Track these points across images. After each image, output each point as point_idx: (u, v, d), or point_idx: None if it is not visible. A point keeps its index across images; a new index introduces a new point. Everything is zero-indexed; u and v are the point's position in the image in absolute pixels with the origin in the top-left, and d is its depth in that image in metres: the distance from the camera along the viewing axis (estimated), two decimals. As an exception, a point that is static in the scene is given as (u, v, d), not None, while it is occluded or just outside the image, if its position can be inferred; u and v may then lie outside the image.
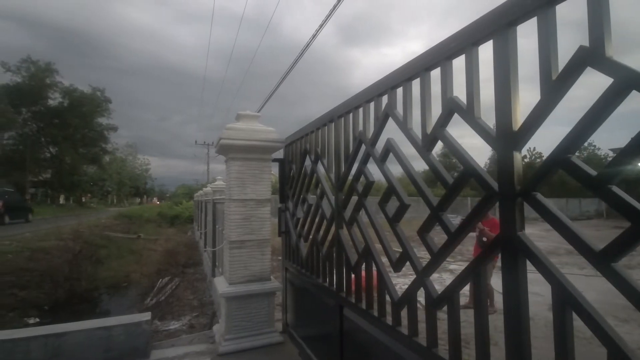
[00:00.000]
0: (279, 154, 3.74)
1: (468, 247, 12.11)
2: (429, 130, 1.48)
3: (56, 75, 30.54)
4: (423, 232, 1.54)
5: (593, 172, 0.93)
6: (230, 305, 3.22)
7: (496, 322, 1.92)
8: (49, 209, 27.41)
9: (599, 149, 41.45)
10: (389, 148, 1.77)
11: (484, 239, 5.14)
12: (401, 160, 1.67)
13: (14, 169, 29.09)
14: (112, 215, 25.91)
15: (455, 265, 9.29)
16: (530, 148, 36.88)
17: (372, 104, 1.96)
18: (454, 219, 19.75)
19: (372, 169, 2.02)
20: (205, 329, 4.39)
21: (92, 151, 35.68)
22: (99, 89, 33.03)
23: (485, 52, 1.30)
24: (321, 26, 12.44)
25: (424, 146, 1.51)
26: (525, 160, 38.84)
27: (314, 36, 13.30)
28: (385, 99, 1.83)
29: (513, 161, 1.11)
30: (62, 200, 37.75)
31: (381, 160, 1.84)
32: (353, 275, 2.13)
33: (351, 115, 2.18)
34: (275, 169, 3.73)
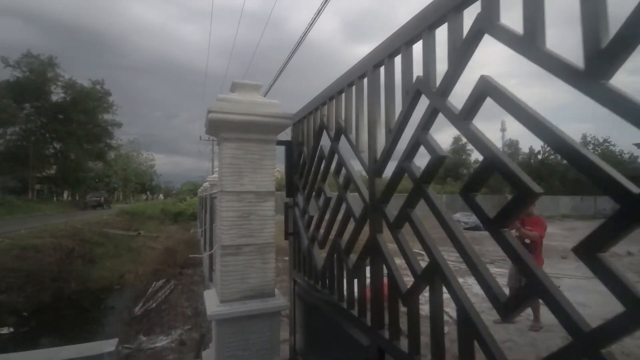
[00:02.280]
0: (286, 136, 2.97)
1: (488, 247, 11.29)
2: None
3: (57, 69, 30.09)
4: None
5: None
6: (223, 330, 2.47)
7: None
8: (51, 205, 27.03)
9: (614, 145, 39.96)
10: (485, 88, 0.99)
11: (527, 240, 4.32)
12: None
13: (18, 165, 28.78)
14: (115, 211, 25.43)
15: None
16: (543, 145, 35.58)
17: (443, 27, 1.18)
18: (469, 217, 18.91)
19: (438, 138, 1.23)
20: (195, 350, 3.65)
21: (96, 147, 35.27)
22: (98, 81, 32.45)
23: None
24: (319, 12, 11.83)
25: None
26: (539, 157, 37.67)
27: (312, 23, 12.61)
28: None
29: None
30: (65, 196, 37.51)
31: (464, 118, 1.06)
32: (405, 308, 1.34)
33: (400, 56, 1.39)
34: (279, 162, 2.95)
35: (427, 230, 1.27)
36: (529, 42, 0.88)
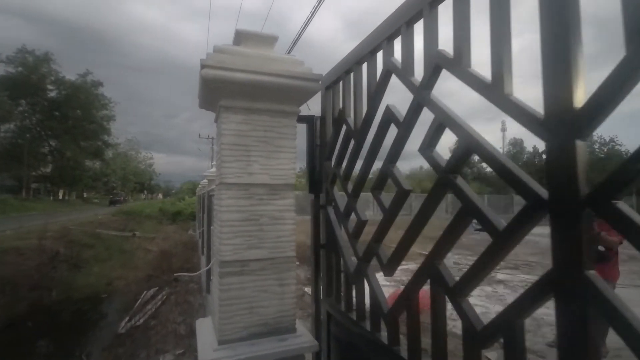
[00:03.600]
0: (307, 110, 2.19)
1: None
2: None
3: (53, 65, 29.29)
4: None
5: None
6: (222, 387, 1.68)
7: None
8: (44, 204, 26.22)
9: (620, 144, 39.12)
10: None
11: (600, 247, 3.54)
12: None
13: (13, 163, 28.04)
14: (111, 211, 24.62)
15: (503, 275, 7.66)
16: (598, 134, 34.62)
17: None
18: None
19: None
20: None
21: (93, 145, 34.50)
22: (86, 73, 31.42)
23: None
24: (313, 11, 11.68)
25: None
26: (543, 156, 36.72)
27: (308, 20, 12.37)
28: None
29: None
30: (61, 195, 36.71)
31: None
32: None
33: None
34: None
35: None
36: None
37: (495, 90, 0.91)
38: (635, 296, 5.25)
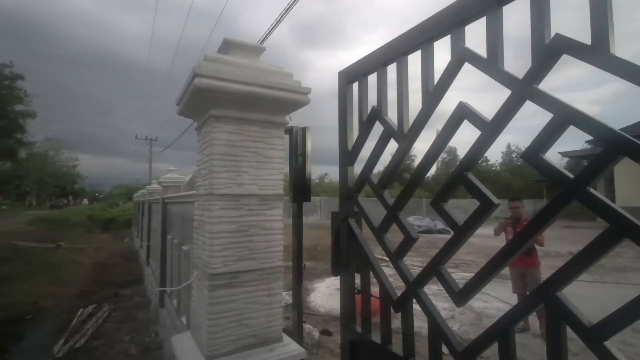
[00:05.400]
0: (291, 119, 2.22)
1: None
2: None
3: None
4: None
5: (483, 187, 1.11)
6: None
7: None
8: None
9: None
10: None
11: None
12: None
13: None
14: (27, 219, 21.59)
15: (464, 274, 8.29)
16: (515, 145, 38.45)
17: None
18: (421, 220, 19.43)
19: None
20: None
21: (5, 143, 29.95)
22: (6, 64, 27.38)
23: None
24: (278, 21, 11.82)
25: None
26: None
27: (270, 31, 12.47)
28: None
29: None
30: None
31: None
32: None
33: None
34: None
35: None
36: None
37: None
38: (597, 292, 5.91)
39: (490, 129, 1.09)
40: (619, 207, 0.81)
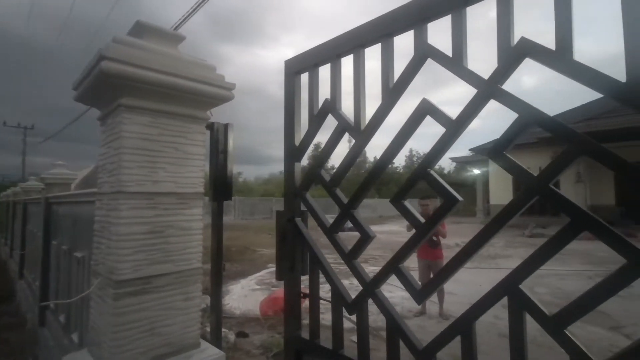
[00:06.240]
0: (212, 115, 2.13)
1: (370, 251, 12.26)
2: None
3: None
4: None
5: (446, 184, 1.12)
6: None
7: None
8: None
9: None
10: None
11: (434, 237, 4.74)
12: None
13: None
14: None
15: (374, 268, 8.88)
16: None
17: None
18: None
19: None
20: None
21: None
22: None
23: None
24: (194, 9, 11.21)
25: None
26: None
27: (185, 18, 11.77)
28: None
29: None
30: None
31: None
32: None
33: None
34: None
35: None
36: None
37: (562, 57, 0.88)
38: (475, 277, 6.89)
39: (455, 126, 1.10)
40: (577, 203, 0.87)
